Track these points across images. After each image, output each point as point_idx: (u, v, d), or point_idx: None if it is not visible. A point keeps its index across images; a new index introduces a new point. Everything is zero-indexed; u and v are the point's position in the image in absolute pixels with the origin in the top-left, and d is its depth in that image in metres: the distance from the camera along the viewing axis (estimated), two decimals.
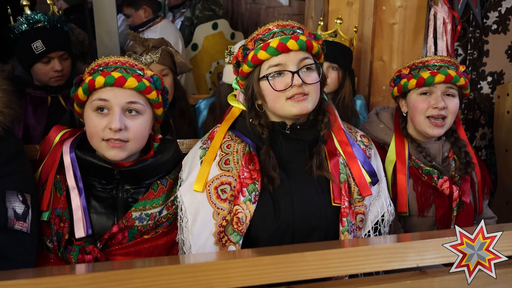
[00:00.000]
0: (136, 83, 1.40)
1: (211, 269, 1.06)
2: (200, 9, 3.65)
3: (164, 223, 1.49)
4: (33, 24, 2.06)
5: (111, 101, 1.40)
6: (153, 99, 1.45)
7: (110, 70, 1.41)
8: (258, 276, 1.09)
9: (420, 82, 1.71)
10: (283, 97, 1.40)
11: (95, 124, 1.41)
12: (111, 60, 1.44)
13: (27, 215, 1.34)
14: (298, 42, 1.38)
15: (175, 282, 1.04)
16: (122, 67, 1.42)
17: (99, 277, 1.00)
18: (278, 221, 1.40)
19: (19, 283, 0.97)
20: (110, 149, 1.40)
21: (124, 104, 1.41)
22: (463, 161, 1.79)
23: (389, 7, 2.48)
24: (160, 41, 2.23)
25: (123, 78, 1.39)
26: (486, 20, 2.64)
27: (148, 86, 1.42)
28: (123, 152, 1.42)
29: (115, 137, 1.39)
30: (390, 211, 1.55)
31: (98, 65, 1.44)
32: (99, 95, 1.40)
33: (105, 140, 1.40)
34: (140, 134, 1.44)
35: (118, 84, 1.39)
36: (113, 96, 1.40)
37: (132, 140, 1.42)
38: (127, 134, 1.41)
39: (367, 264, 1.14)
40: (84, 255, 1.37)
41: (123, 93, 1.40)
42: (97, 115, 1.41)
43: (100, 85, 1.39)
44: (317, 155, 1.45)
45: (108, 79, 1.38)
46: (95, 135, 1.41)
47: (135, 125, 1.42)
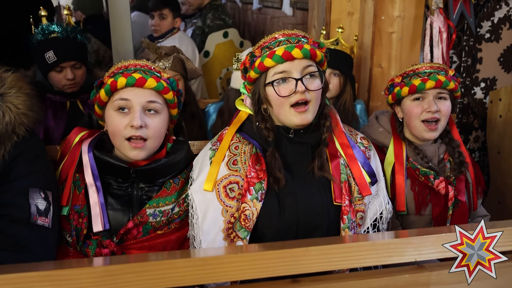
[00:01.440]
0: (155, 83, 1.41)
1: (220, 262, 1.06)
2: (211, 18, 3.65)
3: (176, 220, 1.50)
4: (48, 35, 2.06)
5: (132, 100, 1.41)
6: (170, 99, 1.47)
7: (131, 72, 1.42)
8: (264, 270, 1.09)
9: (412, 89, 1.72)
10: (287, 103, 1.40)
11: (117, 123, 1.42)
12: (130, 64, 1.46)
13: (49, 211, 1.35)
14: (302, 51, 1.38)
15: (186, 275, 1.04)
16: (141, 69, 1.44)
17: (115, 270, 1.01)
18: (283, 218, 1.40)
19: (40, 275, 0.97)
20: (132, 149, 1.42)
21: (144, 103, 1.42)
22: (457, 160, 1.78)
23: (388, 17, 2.48)
24: (172, 48, 2.24)
25: (143, 79, 1.40)
26: (480, 29, 2.63)
27: (165, 87, 1.44)
28: (143, 151, 1.43)
29: (137, 134, 1.40)
30: (388, 209, 1.54)
31: (118, 68, 1.46)
32: (120, 95, 1.41)
33: (127, 139, 1.41)
34: (158, 132, 1.45)
35: (139, 84, 1.40)
36: (134, 95, 1.41)
37: (151, 138, 1.43)
38: (147, 132, 1.42)
39: (368, 259, 1.14)
40: (101, 249, 1.38)
41: (143, 92, 1.42)
42: (118, 114, 1.42)
43: (122, 86, 1.40)
44: (319, 157, 1.45)
45: (129, 80, 1.39)
46: (118, 134, 1.42)
47: (154, 123, 1.43)
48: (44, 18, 2.09)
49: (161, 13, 3.29)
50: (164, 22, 3.32)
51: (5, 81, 1.36)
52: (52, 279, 0.97)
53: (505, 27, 2.65)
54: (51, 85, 2.18)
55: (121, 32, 2.84)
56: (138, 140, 1.42)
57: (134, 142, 1.41)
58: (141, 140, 1.42)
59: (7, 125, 1.31)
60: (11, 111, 1.32)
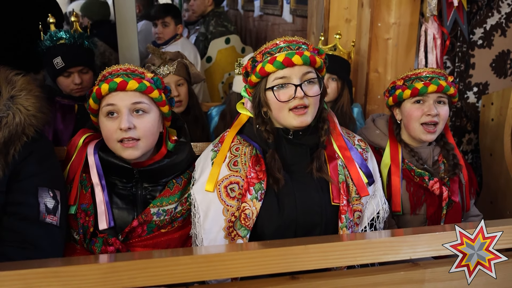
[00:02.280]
0: (137, 85, 1.40)
1: (221, 260, 1.06)
2: (213, 25, 3.65)
3: (179, 218, 1.50)
4: (56, 41, 2.07)
5: (118, 104, 1.41)
6: (156, 98, 1.45)
7: (114, 77, 1.42)
8: (264, 267, 1.08)
9: (414, 92, 1.71)
10: (286, 107, 1.40)
11: (108, 128, 1.42)
12: (113, 69, 1.46)
13: (57, 210, 1.35)
14: (302, 58, 1.37)
15: (189, 271, 1.04)
16: (124, 73, 1.43)
17: (120, 266, 1.01)
18: (282, 217, 1.40)
19: (49, 271, 0.97)
20: (125, 149, 1.41)
21: (130, 105, 1.41)
22: (451, 163, 1.78)
23: (384, 24, 2.48)
24: (176, 54, 2.24)
25: (125, 82, 1.40)
26: (473, 36, 2.63)
27: (149, 86, 1.43)
28: (136, 150, 1.42)
29: (127, 136, 1.40)
30: (384, 208, 1.54)
31: (103, 76, 1.46)
32: (107, 101, 1.42)
33: (119, 141, 1.41)
34: (149, 131, 1.44)
35: (120, 87, 1.40)
36: (119, 99, 1.41)
37: (143, 138, 1.43)
38: (137, 132, 1.41)
39: (364, 257, 1.14)
40: (107, 246, 1.38)
41: (127, 95, 1.41)
42: (108, 120, 1.42)
43: (106, 92, 1.40)
44: (317, 159, 1.45)
45: (111, 85, 1.39)
46: (110, 138, 1.43)
47: (143, 123, 1.42)
48: (52, 25, 2.09)
49: (164, 21, 3.31)
50: (167, 30, 3.34)
51: (16, 84, 1.37)
52: (59, 275, 0.97)
53: (497, 33, 2.66)
54: (59, 89, 2.18)
55: (127, 38, 2.85)
56: (129, 141, 1.41)
57: (125, 143, 1.41)
58: (133, 140, 1.41)
59: (17, 126, 1.31)
60: (21, 113, 1.33)
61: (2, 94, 1.34)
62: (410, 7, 2.46)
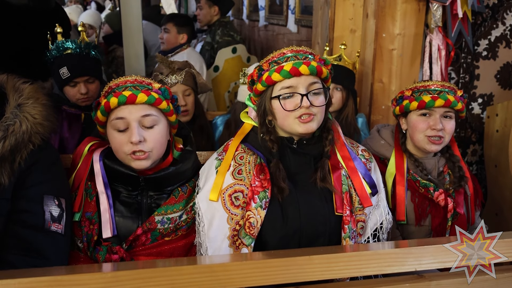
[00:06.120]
0: (146, 97, 1.40)
1: (225, 269, 1.06)
2: (220, 35, 3.67)
3: (183, 227, 1.49)
4: (62, 51, 2.07)
5: (128, 118, 1.40)
6: (165, 109, 1.45)
7: (121, 90, 1.41)
8: (268, 277, 1.08)
9: (421, 105, 1.70)
10: (292, 116, 1.39)
11: (118, 141, 1.42)
12: (120, 81, 1.45)
13: (62, 218, 1.34)
14: (309, 68, 1.37)
15: (193, 281, 1.03)
16: (131, 85, 1.42)
17: (123, 275, 1.00)
18: (286, 226, 1.39)
19: (52, 279, 0.97)
20: (135, 161, 1.41)
21: (139, 118, 1.41)
22: (456, 175, 1.76)
23: (389, 35, 2.48)
24: (184, 63, 2.24)
25: (134, 95, 1.39)
26: (477, 47, 2.63)
27: (157, 98, 1.42)
28: (147, 161, 1.42)
29: (137, 149, 1.39)
30: (388, 219, 1.53)
31: (110, 88, 1.45)
32: (116, 115, 1.41)
33: (129, 154, 1.40)
34: (159, 143, 1.44)
35: (130, 101, 1.39)
36: (128, 112, 1.40)
37: (154, 149, 1.42)
38: (147, 145, 1.41)
39: (369, 268, 1.12)
40: (111, 254, 1.37)
41: (136, 108, 1.40)
42: (117, 133, 1.42)
43: (115, 105, 1.39)
44: (321, 169, 1.44)
45: (120, 99, 1.38)
46: (120, 150, 1.42)
47: (153, 135, 1.42)
48: (59, 34, 2.10)
49: (165, 27, 3.42)
50: (167, 36, 3.41)
51: (23, 92, 1.37)
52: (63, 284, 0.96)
53: (501, 45, 2.65)
54: (66, 98, 2.19)
55: (133, 48, 2.87)
56: (140, 154, 1.41)
57: (136, 155, 1.40)
58: (144, 153, 1.41)
59: (23, 134, 1.31)
60: (28, 121, 1.33)
61: (9, 102, 1.34)
62: (415, 18, 2.46)
